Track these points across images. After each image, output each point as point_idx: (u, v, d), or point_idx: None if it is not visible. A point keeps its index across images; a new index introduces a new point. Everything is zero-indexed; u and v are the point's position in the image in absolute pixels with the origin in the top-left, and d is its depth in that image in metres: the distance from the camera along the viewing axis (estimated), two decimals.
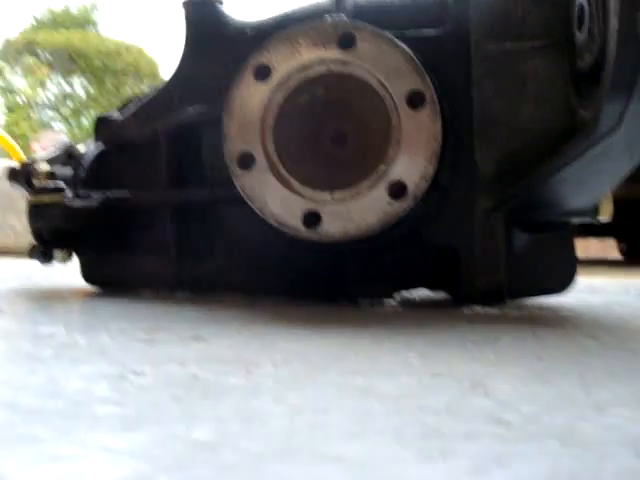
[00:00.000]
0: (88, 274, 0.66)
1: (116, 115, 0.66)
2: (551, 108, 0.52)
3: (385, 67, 0.48)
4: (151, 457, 0.16)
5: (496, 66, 0.52)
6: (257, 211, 0.49)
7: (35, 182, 0.66)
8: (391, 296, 0.59)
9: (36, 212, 0.63)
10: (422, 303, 0.61)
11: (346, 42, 0.48)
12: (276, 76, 0.49)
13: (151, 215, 0.61)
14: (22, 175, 0.68)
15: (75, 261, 0.69)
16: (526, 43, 0.53)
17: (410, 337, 0.37)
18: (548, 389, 0.25)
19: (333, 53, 0.49)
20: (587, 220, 0.56)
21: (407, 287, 0.60)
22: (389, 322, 0.44)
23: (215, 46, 0.59)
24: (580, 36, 0.49)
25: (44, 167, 0.66)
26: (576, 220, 0.57)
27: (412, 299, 0.63)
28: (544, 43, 0.53)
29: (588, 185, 0.53)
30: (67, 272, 0.92)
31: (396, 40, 0.49)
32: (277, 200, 0.49)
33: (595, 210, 0.56)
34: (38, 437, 0.17)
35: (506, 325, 0.45)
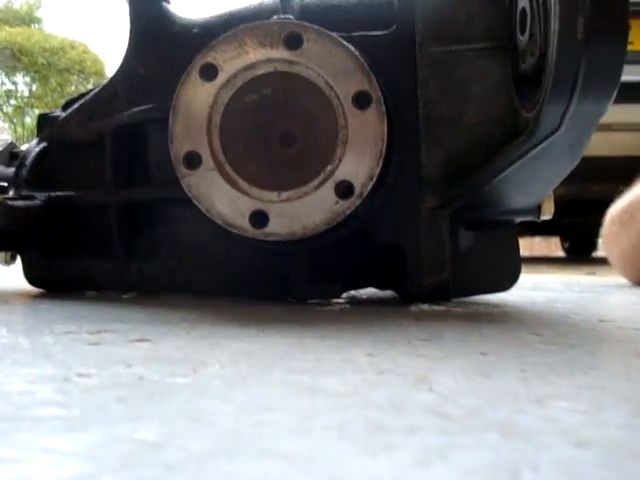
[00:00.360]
0: (32, 276, 0.65)
1: (59, 113, 0.65)
2: (494, 110, 0.53)
3: (332, 67, 0.49)
4: (96, 458, 0.16)
5: (441, 68, 0.53)
6: (204, 211, 0.49)
7: None
8: (339, 295, 0.59)
9: None
10: (370, 301, 0.62)
11: (293, 42, 0.49)
12: (222, 75, 0.49)
13: (96, 215, 0.60)
14: None
15: (19, 263, 0.67)
16: (470, 45, 0.54)
17: (357, 335, 0.38)
18: (490, 383, 0.25)
19: (280, 53, 0.49)
20: (529, 219, 0.58)
21: (355, 286, 0.60)
22: (336, 321, 0.44)
23: (160, 44, 0.59)
24: (522, 39, 0.50)
25: None
26: (519, 219, 0.59)
27: (360, 298, 0.63)
28: (488, 46, 0.54)
29: (530, 185, 0.54)
30: (10, 274, 0.90)
31: (343, 41, 0.50)
32: (224, 200, 0.49)
33: (537, 209, 0.57)
34: None
35: (451, 322, 0.45)
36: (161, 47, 0.58)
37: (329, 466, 0.15)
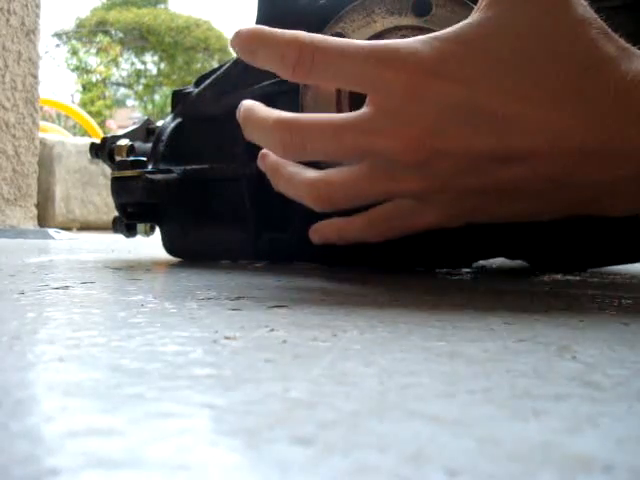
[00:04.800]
0: (170, 246, 0.68)
1: (192, 89, 0.68)
2: None
3: None
4: (253, 414, 0.16)
5: None
6: None
7: (116, 157, 0.68)
8: (470, 265, 0.58)
9: (119, 186, 0.65)
10: (500, 271, 0.61)
11: (422, 8, 0.48)
12: None
13: (230, 187, 0.63)
14: (104, 150, 0.70)
15: (157, 234, 0.71)
16: (604, 3, 0.51)
17: (491, 304, 0.37)
18: (636, 353, 0.25)
19: (409, 20, 0.48)
20: None
21: (484, 256, 0.60)
22: (469, 290, 0.44)
23: (288, 17, 0.59)
24: None
25: (125, 142, 0.68)
26: None
27: (490, 268, 0.62)
28: (623, 3, 0.51)
29: None
30: (150, 244, 0.94)
31: (471, 4, 0.48)
32: None
33: None
34: (144, 396, 0.18)
35: (589, 292, 0.44)
36: (289, 20, 0.59)
37: (478, 429, 0.15)
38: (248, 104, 0.47)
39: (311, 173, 0.45)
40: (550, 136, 0.37)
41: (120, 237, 0.73)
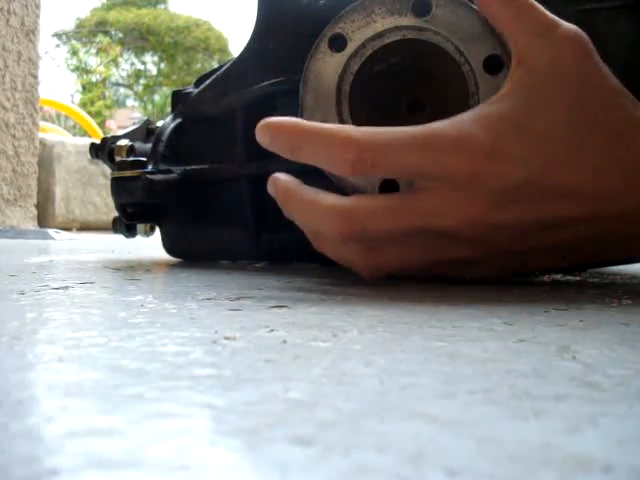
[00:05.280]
0: (170, 246, 0.68)
1: (192, 89, 0.68)
2: (633, 70, 0.50)
3: (461, 32, 0.48)
4: (253, 414, 0.16)
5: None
6: (335, 181, 0.49)
7: (116, 157, 0.68)
8: None
9: (119, 186, 0.65)
10: None
11: (421, 8, 0.48)
12: (351, 45, 0.49)
13: (229, 188, 0.63)
14: (104, 150, 0.70)
15: (157, 234, 0.71)
16: (606, 3, 0.51)
17: (491, 305, 0.37)
18: (636, 354, 0.25)
19: (408, 20, 0.48)
20: None
21: None
22: (469, 290, 0.44)
23: (288, 17, 0.59)
24: None
25: (125, 142, 0.68)
26: None
27: None
28: (624, 3, 0.51)
29: None
30: (149, 245, 0.94)
31: (472, 4, 0.48)
32: None
33: None
34: (143, 396, 0.18)
35: (588, 293, 0.44)
36: (289, 20, 0.59)
37: (479, 429, 0.15)
38: (284, 183, 0.46)
39: (336, 199, 0.42)
40: (593, 202, 0.39)
41: (120, 237, 0.73)
